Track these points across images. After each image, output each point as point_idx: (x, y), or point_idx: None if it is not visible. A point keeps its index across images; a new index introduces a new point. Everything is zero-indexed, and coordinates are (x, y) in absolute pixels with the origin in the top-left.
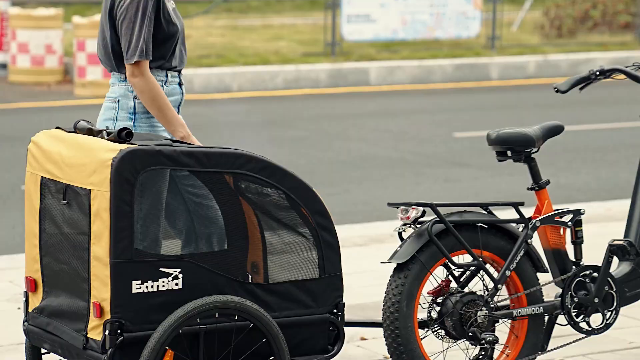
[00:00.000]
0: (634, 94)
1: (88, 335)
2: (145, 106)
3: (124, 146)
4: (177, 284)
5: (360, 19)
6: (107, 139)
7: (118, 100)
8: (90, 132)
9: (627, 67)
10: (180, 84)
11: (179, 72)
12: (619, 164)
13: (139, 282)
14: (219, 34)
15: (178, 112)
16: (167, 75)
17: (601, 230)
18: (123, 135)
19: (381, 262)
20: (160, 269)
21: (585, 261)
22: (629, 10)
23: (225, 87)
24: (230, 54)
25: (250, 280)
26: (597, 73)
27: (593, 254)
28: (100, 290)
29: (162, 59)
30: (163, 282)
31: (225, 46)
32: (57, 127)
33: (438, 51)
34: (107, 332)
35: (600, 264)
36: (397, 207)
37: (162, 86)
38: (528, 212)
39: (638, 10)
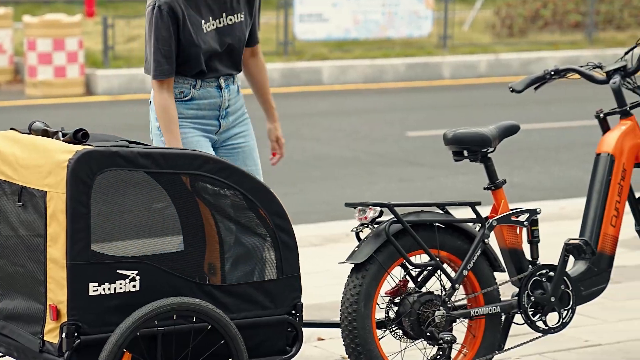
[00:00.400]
0: (585, 93)
1: (44, 339)
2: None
3: (80, 147)
4: (134, 286)
5: (312, 19)
6: (62, 140)
7: (150, 102)
8: (46, 133)
9: (581, 66)
10: (219, 87)
11: (218, 77)
12: (572, 162)
13: (96, 284)
14: None
15: (221, 115)
16: (196, 81)
17: (555, 229)
18: (79, 137)
19: (339, 263)
20: (118, 271)
21: (540, 260)
22: (579, 10)
23: None
24: None
25: (207, 282)
26: (552, 73)
27: (547, 253)
28: (57, 292)
29: (187, 70)
30: (120, 284)
31: None
32: (11, 129)
33: (390, 50)
34: (63, 334)
35: (555, 263)
36: (355, 208)
37: (190, 89)
38: (484, 211)
39: (588, 10)
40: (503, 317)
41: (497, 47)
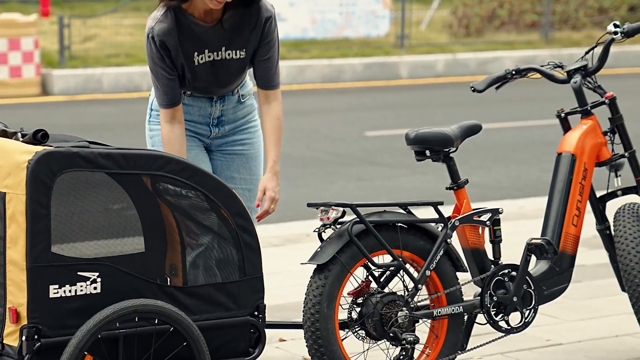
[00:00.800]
0: (543, 92)
1: (4, 342)
2: None
3: (39, 148)
4: (95, 288)
5: None
6: (22, 141)
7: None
8: (5, 133)
9: (542, 66)
10: (211, 99)
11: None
12: (530, 162)
13: (57, 286)
14: (127, 32)
15: (212, 122)
16: (186, 92)
17: (515, 229)
18: (38, 137)
19: (301, 263)
20: (79, 273)
21: (502, 260)
22: (535, 10)
23: (134, 86)
24: (140, 53)
25: (169, 283)
26: (513, 72)
27: (508, 252)
28: (17, 295)
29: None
30: (81, 286)
31: (134, 45)
32: None
33: (348, 50)
34: (23, 337)
35: (517, 263)
36: (317, 208)
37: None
38: (447, 211)
39: (544, 10)
40: (466, 317)
41: (454, 47)
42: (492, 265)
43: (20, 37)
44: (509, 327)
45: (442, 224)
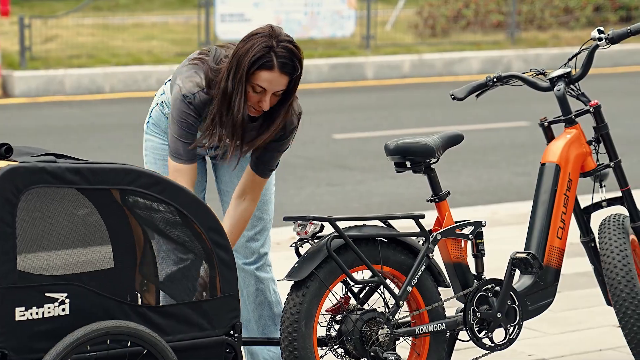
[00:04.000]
0: (510, 94)
1: None
2: None
3: (4, 163)
4: (64, 310)
5: (234, 18)
6: None
7: (146, 124)
8: None
9: (524, 73)
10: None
11: None
12: (500, 165)
13: (23, 308)
14: (89, 33)
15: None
16: None
17: (489, 236)
18: (2, 151)
19: (278, 280)
20: (46, 294)
21: (485, 274)
22: (501, 10)
23: (97, 88)
24: (102, 54)
25: (140, 300)
26: (494, 79)
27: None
28: None
29: None
30: (49, 308)
31: (96, 46)
32: None
33: (313, 51)
34: None
35: (500, 277)
36: (294, 222)
37: None
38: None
39: (509, 10)
40: (448, 334)
41: (420, 47)
42: (475, 280)
43: None
44: (493, 344)
45: (424, 238)
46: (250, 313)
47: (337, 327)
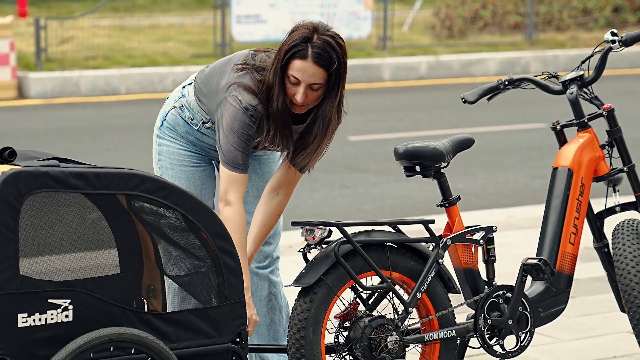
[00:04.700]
0: (527, 95)
1: None
2: None
3: (6, 168)
4: (67, 316)
5: (250, 20)
6: None
7: (161, 123)
8: None
9: (536, 75)
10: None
11: None
12: (517, 167)
13: (25, 315)
14: (106, 34)
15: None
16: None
17: (504, 239)
18: (5, 156)
19: (285, 286)
20: (49, 301)
21: (497, 280)
22: (519, 11)
23: (112, 89)
24: (118, 56)
25: (146, 306)
26: (506, 82)
27: (497, 265)
28: None
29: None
30: (52, 314)
31: (112, 47)
32: None
33: None
34: None
35: (511, 283)
36: (302, 227)
37: (200, 125)
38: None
39: (527, 11)
40: (458, 341)
41: (437, 49)
42: (486, 286)
43: None
44: (504, 352)
45: (433, 244)
46: (262, 317)
47: (345, 333)
